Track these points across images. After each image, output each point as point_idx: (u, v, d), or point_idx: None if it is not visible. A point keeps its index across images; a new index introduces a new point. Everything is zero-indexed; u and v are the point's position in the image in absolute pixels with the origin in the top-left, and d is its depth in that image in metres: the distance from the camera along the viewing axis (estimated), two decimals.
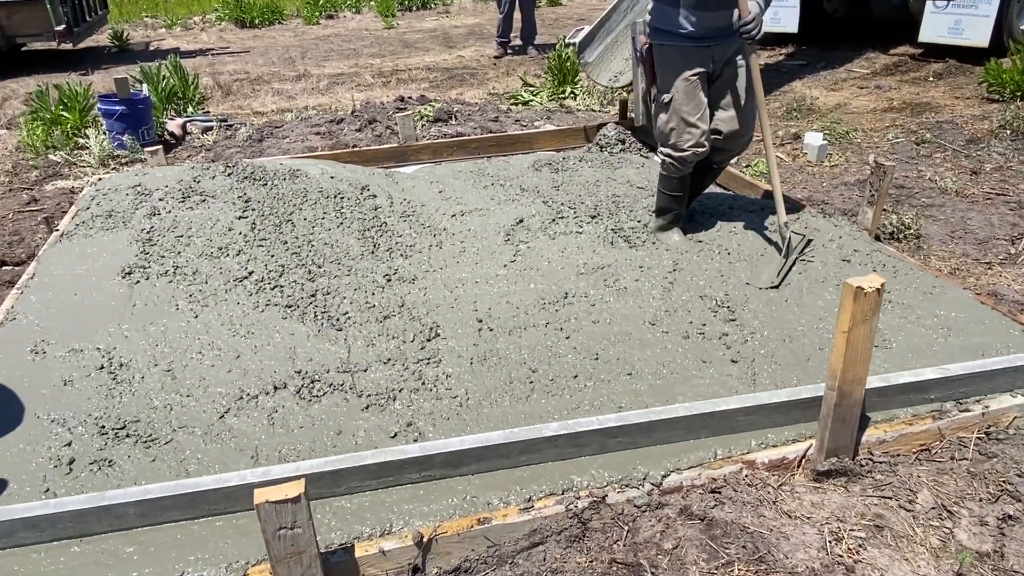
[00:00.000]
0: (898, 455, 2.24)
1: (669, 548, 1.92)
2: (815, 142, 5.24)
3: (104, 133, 5.90)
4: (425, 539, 1.92)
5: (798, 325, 2.78)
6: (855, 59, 8.25)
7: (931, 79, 7.17)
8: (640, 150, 5.37)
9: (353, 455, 2.08)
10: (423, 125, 6.34)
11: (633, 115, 5.35)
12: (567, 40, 7.30)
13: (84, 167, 5.62)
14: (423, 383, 2.56)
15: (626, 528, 1.98)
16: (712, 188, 4.41)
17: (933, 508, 2.05)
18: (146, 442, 2.31)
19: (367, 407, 2.45)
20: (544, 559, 1.91)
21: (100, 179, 4.83)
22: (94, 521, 1.95)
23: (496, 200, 4.14)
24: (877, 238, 3.61)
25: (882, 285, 1.90)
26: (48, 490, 2.14)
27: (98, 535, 1.97)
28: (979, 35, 7.09)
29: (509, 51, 9.91)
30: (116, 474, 2.20)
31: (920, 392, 2.33)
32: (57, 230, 4.01)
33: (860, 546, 1.92)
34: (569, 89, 7.42)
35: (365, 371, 2.63)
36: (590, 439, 2.15)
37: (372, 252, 3.51)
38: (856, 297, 1.88)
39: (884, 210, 4.02)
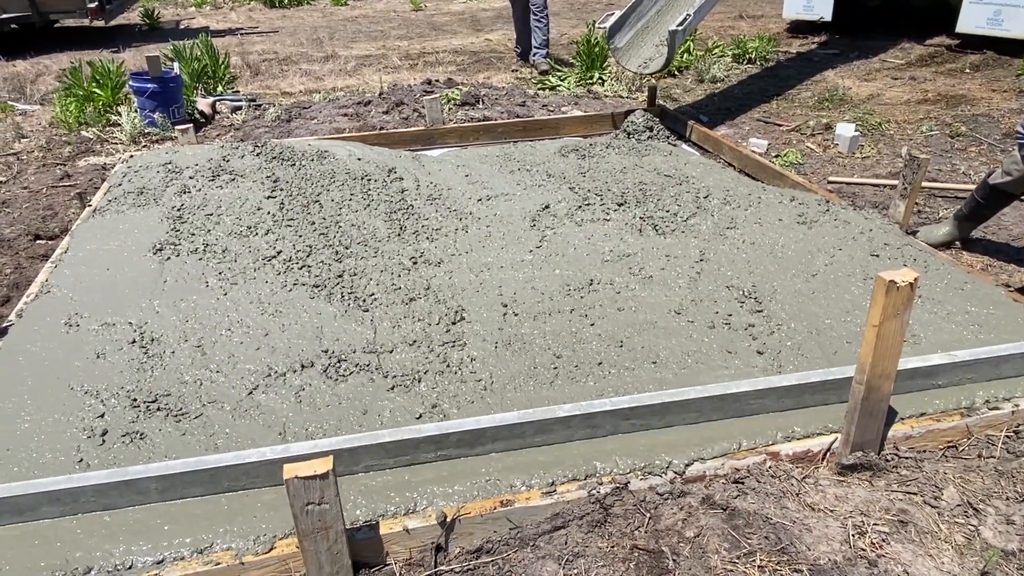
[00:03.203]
0: (924, 451, 2.22)
1: (691, 536, 1.92)
2: (847, 133, 5.16)
3: (135, 111, 5.97)
4: (448, 519, 1.94)
5: (825, 318, 2.76)
6: (889, 49, 8.10)
7: (968, 71, 7.02)
8: (668, 138, 5.32)
9: (370, 433, 2.10)
10: (450, 108, 6.33)
11: None
12: (597, 25, 7.24)
13: (116, 144, 5.70)
14: (448, 366, 2.57)
15: (648, 515, 1.99)
16: (742, 178, 4.37)
17: (959, 505, 2.03)
18: (176, 416, 2.36)
19: (393, 388, 2.47)
20: (566, 543, 1.92)
21: (132, 156, 4.90)
22: (116, 496, 1.98)
23: (522, 185, 4.14)
24: (910, 232, 3.56)
25: (915, 279, 1.87)
26: (81, 460, 2.19)
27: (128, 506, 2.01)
28: (1019, 26, 6.93)
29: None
30: (147, 447, 2.24)
31: (928, 378, 2.32)
32: (90, 205, 4.07)
33: (884, 540, 1.91)
34: (597, 75, 7.37)
35: (391, 352, 2.65)
36: (603, 420, 2.17)
37: (398, 234, 3.52)
38: (888, 291, 1.86)
39: (916, 204, 3.96)
